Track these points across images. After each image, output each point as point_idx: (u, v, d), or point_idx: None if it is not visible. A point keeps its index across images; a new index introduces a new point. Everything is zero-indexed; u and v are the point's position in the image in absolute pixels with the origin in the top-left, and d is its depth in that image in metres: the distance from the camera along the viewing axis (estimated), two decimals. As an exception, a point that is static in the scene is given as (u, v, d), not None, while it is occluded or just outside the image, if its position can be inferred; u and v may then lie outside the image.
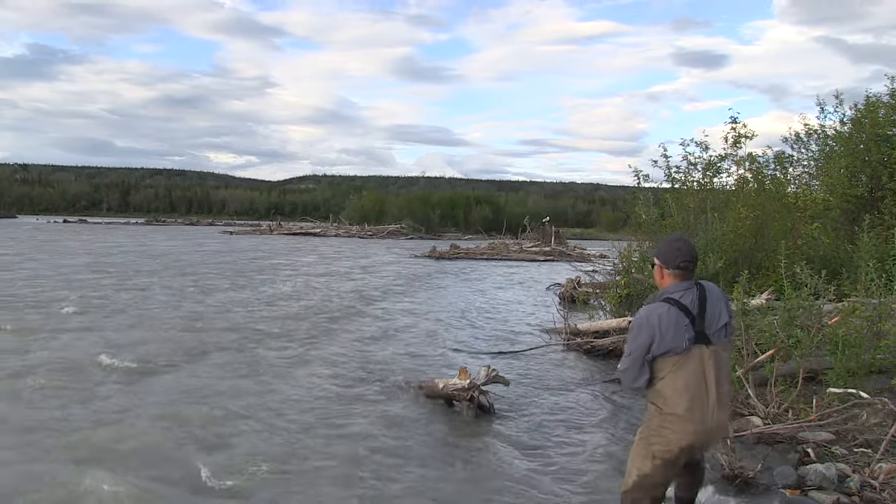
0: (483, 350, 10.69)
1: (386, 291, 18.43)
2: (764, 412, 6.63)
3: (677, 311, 3.72)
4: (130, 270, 21.08)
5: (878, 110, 12.23)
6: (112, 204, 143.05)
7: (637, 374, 3.79)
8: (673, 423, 3.71)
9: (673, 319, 3.70)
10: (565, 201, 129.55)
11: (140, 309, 13.23)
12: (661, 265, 3.89)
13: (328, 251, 36.94)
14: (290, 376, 8.45)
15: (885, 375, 6.60)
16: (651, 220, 11.75)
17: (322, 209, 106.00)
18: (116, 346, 9.56)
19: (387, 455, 5.81)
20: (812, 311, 7.12)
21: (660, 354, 3.71)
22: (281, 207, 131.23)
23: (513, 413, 7.23)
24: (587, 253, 39.12)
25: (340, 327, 12.16)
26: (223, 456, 5.60)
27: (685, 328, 3.70)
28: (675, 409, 3.70)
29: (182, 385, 7.82)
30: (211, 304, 14.42)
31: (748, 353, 7.32)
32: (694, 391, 3.68)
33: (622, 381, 3.94)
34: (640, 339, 3.75)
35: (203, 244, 39.88)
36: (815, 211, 11.39)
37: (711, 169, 11.66)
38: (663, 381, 3.74)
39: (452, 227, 73.56)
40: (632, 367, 3.80)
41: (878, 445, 5.49)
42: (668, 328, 3.69)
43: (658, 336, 3.69)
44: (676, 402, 3.69)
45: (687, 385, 3.69)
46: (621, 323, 10.66)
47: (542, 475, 5.51)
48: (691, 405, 3.67)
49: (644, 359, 3.75)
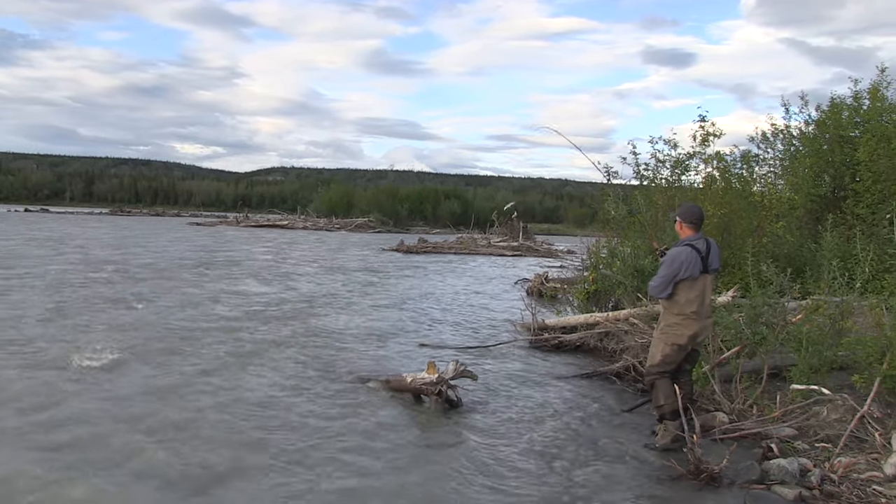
0: (451, 345, 10.69)
1: (352, 285, 18.31)
2: (729, 408, 6.74)
3: (696, 252, 5.85)
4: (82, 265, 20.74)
5: (842, 112, 12.42)
6: (76, 193, 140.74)
7: (665, 288, 5.88)
8: (684, 320, 5.90)
9: (693, 257, 5.83)
10: (534, 196, 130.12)
11: (80, 306, 13.03)
12: (682, 221, 6.08)
13: (294, 244, 36.65)
14: (248, 374, 8.21)
15: (846, 372, 6.72)
16: (620, 217, 11.81)
17: (290, 201, 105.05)
18: (64, 343, 9.37)
19: (353, 451, 5.77)
20: (777, 309, 7.24)
21: (682, 279, 5.82)
22: (248, 199, 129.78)
23: (481, 407, 7.25)
24: (555, 248, 39.31)
25: (302, 323, 11.90)
26: (177, 457, 5.48)
27: (698, 263, 5.83)
28: (686, 311, 5.87)
29: (134, 384, 7.61)
30: (166, 302, 14.23)
31: (714, 349, 7.43)
32: (698, 301, 5.86)
33: (653, 291, 6.07)
34: (673, 267, 5.84)
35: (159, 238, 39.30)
36: (780, 210, 11.53)
37: (680, 167, 11.74)
38: (679, 294, 5.88)
39: (420, 221, 73.36)
40: (663, 284, 5.88)
41: (838, 440, 5.63)
42: (690, 262, 5.82)
43: (684, 267, 5.81)
44: (688, 307, 5.86)
45: (695, 297, 5.85)
46: (589, 319, 10.72)
47: (511, 468, 5.53)
48: (697, 309, 5.87)
49: (672, 280, 5.84)
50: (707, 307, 5.99)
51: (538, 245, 40.82)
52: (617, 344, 9.57)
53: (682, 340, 5.93)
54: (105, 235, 36.46)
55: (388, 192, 79.09)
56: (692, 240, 5.94)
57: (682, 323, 5.92)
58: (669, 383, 5.98)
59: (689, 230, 6.04)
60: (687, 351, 6.06)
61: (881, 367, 6.21)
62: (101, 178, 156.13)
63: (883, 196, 10.35)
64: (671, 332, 5.98)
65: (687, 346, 5.99)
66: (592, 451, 6.08)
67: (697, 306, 5.87)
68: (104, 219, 66.31)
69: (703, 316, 5.94)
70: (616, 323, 9.89)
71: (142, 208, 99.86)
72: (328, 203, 73.56)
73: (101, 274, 17.47)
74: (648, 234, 7.24)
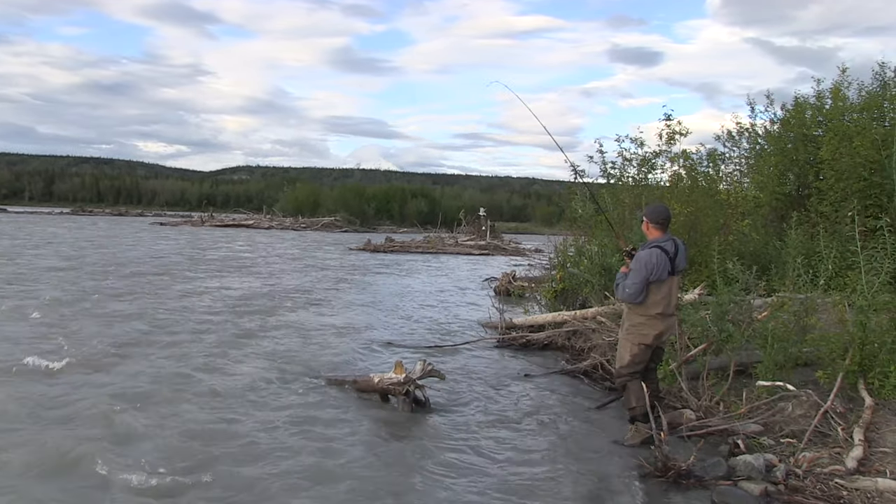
0: (418, 344, 10.65)
1: (318, 285, 18.20)
2: (696, 405, 6.78)
3: (664, 254, 5.84)
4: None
5: (805, 111, 12.57)
6: (35, 193, 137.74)
7: (640, 292, 5.85)
8: (649, 320, 5.96)
9: (663, 260, 5.83)
10: (501, 195, 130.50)
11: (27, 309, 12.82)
12: (649, 221, 6.06)
13: (260, 243, 36.36)
14: (208, 376, 8.03)
15: (810, 368, 6.80)
16: (587, 216, 11.85)
17: (255, 201, 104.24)
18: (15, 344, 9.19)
19: (318, 452, 5.70)
20: (743, 306, 7.30)
21: (652, 281, 5.82)
22: (213, 198, 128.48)
23: (449, 407, 7.22)
24: (522, 247, 39.42)
25: (266, 322, 11.78)
26: (137, 462, 5.35)
27: (666, 265, 5.85)
28: (651, 311, 5.92)
29: (90, 387, 7.47)
30: (128, 301, 14.06)
31: (681, 346, 7.47)
32: (664, 302, 5.92)
33: (627, 297, 5.96)
34: (644, 272, 5.81)
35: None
36: (746, 208, 11.64)
37: (646, 165, 11.80)
38: (647, 297, 5.88)
39: (387, 220, 73.33)
40: (637, 290, 5.85)
41: (802, 435, 5.70)
42: (660, 265, 5.82)
43: (655, 270, 5.81)
44: (653, 308, 5.91)
45: (661, 298, 5.90)
46: (556, 317, 10.75)
47: (479, 469, 5.51)
48: (663, 310, 5.93)
49: (644, 283, 5.82)
50: (672, 307, 6.06)
51: (506, 244, 40.97)
52: (584, 342, 9.61)
53: (648, 340, 6.00)
54: (58, 238, 35.88)
55: (355, 191, 78.85)
56: (660, 241, 5.93)
57: (648, 323, 5.98)
58: (640, 385, 6.00)
59: (656, 231, 6.03)
60: (653, 349, 6.14)
61: (844, 362, 6.30)
62: (62, 177, 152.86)
63: (845, 194, 10.48)
64: (637, 333, 6.04)
65: (653, 345, 6.07)
66: (561, 449, 6.08)
67: (663, 307, 5.93)
68: (64, 218, 65.08)
69: (667, 315, 6.00)
70: (584, 321, 9.93)
71: (104, 208, 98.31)
72: (294, 202, 73.15)
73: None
74: (615, 233, 7.23)
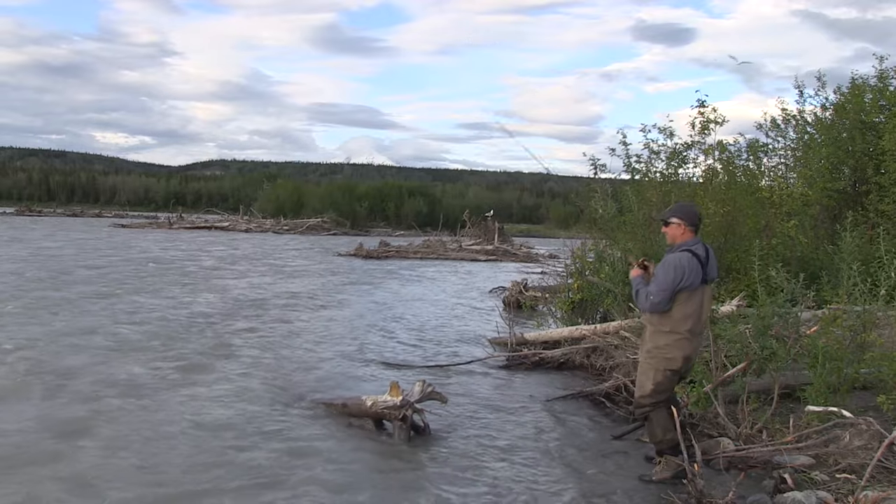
0: (417, 363, 10.62)
1: (304, 295, 18.16)
2: (735, 433, 6.71)
3: (696, 259, 5.73)
4: None
5: (864, 94, 12.46)
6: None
7: (667, 301, 5.70)
8: (677, 341, 5.76)
9: (695, 265, 5.72)
10: (510, 194, 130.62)
11: None
12: (684, 222, 5.91)
13: (237, 247, 36.34)
14: (185, 397, 8.05)
15: (870, 392, 6.73)
16: (609, 216, 11.79)
17: (231, 199, 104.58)
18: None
19: (304, 487, 5.66)
20: (788, 320, 7.21)
21: (681, 289, 5.68)
22: (182, 197, 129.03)
23: (451, 434, 7.17)
24: (535, 252, 39.46)
25: (245, 340, 11.74)
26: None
27: (699, 272, 5.73)
28: (681, 328, 5.74)
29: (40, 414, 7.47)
30: (99, 309, 14.02)
31: (717, 366, 7.40)
32: (695, 316, 5.77)
33: (651, 307, 5.80)
34: (674, 275, 5.68)
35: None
36: (791, 207, 11.58)
37: (676, 158, 11.73)
38: (675, 308, 5.74)
39: (382, 221, 73.27)
40: (665, 295, 5.69)
41: (862, 471, 5.55)
42: (692, 271, 5.69)
43: (685, 275, 5.67)
44: (683, 323, 5.74)
45: (693, 311, 5.75)
46: (574, 332, 10.69)
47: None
48: (693, 326, 5.77)
49: (673, 290, 5.68)
50: (703, 323, 5.95)
51: (516, 248, 40.93)
52: (606, 360, 9.54)
53: (677, 364, 5.83)
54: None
55: (345, 188, 78.83)
56: (691, 244, 5.84)
57: (675, 344, 5.79)
58: (666, 413, 5.85)
59: (689, 234, 5.93)
60: (681, 374, 6.03)
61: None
62: (4, 172, 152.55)
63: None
64: (661, 357, 5.85)
65: (682, 370, 5.93)
66: (577, 484, 6.01)
67: (693, 323, 5.78)
68: (4, 220, 63.86)
69: (697, 334, 5.88)
70: (605, 337, 9.87)
71: (55, 207, 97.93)
72: (275, 201, 73.26)
73: None
74: (623, 252, 7.24)
